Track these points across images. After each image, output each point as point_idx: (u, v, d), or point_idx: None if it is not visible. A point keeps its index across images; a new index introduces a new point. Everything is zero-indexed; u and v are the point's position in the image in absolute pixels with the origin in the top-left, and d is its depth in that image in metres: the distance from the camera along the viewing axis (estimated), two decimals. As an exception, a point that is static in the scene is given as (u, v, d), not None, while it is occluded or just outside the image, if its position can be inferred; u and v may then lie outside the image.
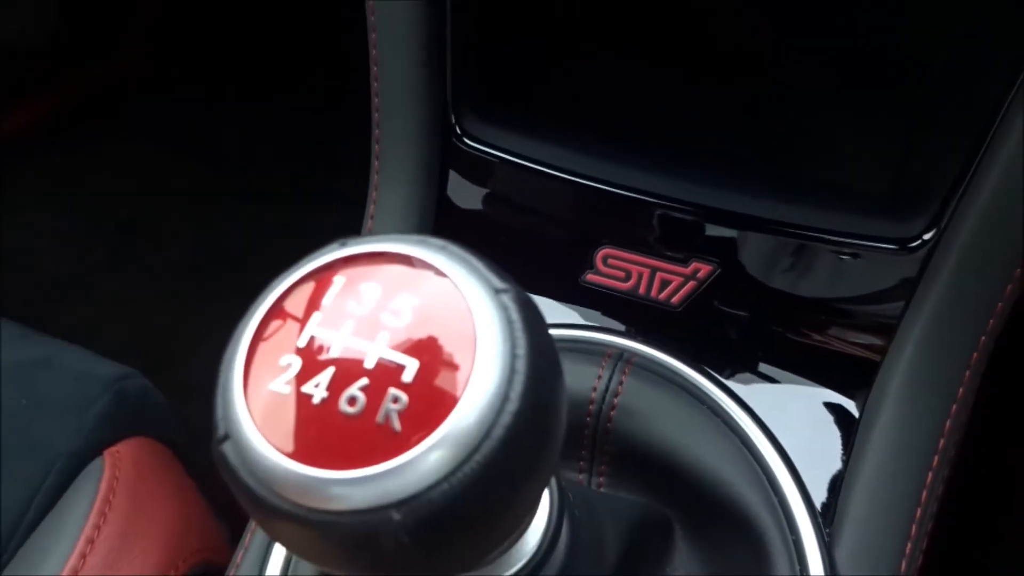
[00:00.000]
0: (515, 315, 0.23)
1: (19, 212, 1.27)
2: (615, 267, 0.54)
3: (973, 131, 0.48)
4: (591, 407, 0.50)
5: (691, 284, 0.53)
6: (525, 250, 0.57)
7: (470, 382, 0.22)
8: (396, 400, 0.21)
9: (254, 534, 0.50)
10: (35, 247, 1.25)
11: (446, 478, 0.21)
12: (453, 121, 0.56)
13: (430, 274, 0.23)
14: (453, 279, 0.23)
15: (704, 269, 0.53)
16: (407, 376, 0.22)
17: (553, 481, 0.33)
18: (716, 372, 0.52)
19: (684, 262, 0.53)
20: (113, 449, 0.61)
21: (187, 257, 1.24)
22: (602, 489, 0.51)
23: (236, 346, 0.23)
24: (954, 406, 0.49)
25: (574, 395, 0.50)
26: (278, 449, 0.22)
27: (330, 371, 0.22)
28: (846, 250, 0.50)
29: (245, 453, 0.22)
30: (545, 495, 0.33)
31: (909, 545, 0.47)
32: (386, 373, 0.22)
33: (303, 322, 0.23)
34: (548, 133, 0.56)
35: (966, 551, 0.74)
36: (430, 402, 0.21)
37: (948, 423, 0.49)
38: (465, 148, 0.56)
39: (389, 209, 0.57)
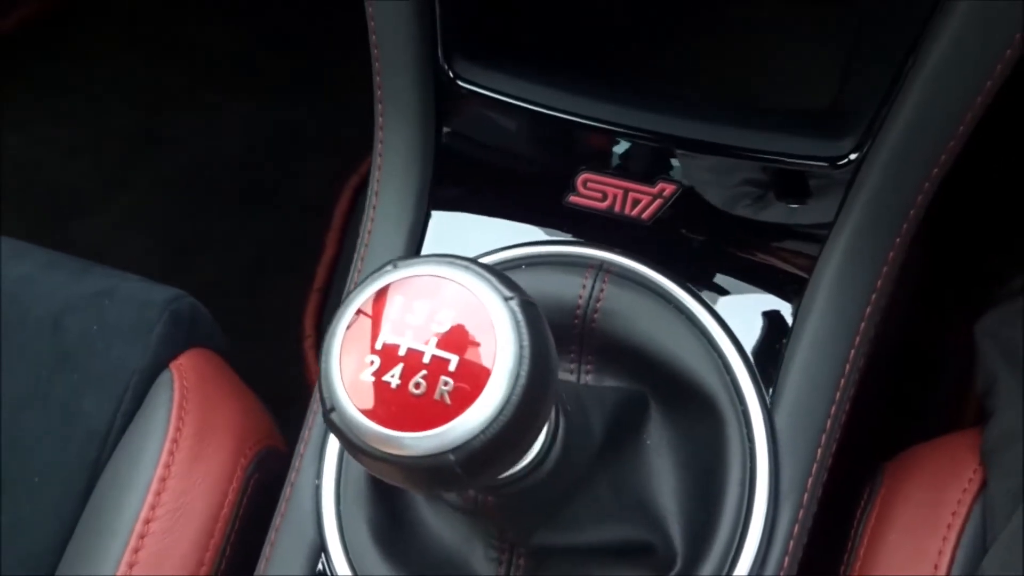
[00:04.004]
0: (520, 316, 0.33)
1: (25, 125, 1.30)
2: (593, 189, 0.63)
3: (897, 54, 0.56)
4: (578, 311, 0.61)
5: (658, 202, 0.62)
6: (514, 179, 0.66)
7: (493, 368, 0.33)
8: (446, 384, 0.33)
9: (312, 430, 0.62)
10: (45, 160, 1.29)
11: (483, 431, 0.33)
12: (445, 65, 0.64)
13: (460, 289, 0.34)
14: (475, 292, 0.33)
15: (669, 188, 0.62)
16: (451, 367, 0.33)
17: None
18: (682, 277, 0.62)
19: (652, 183, 0.62)
20: (176, 362, 0.72)
21: (192, 163, 1.28)
22: (590, 377, 0.62)
23: (331, 345, 0.34)
24: (873, 295, 0.60)
25: (564, 301, 0.61)
26: (371, 418, 0.33)
27: (400, 366, 0.33)
28: (785, 169, 0.60)
29: (349, 421, 0.33)
30: None
31: (833, 407, 0.59)
32: (438, 365, 0.33)
33: (377, 331, 0.33)
34: (531, 73, 0.64)
35: (885, 410, 0.88)
36: (468, 383, 0.33)
37: (868, 309, 0.60)
38: (457, 89, 0.64)
39: (395, 149, 0.66)
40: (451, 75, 0.64)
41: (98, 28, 1.33)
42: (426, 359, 0.33)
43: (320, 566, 0.59)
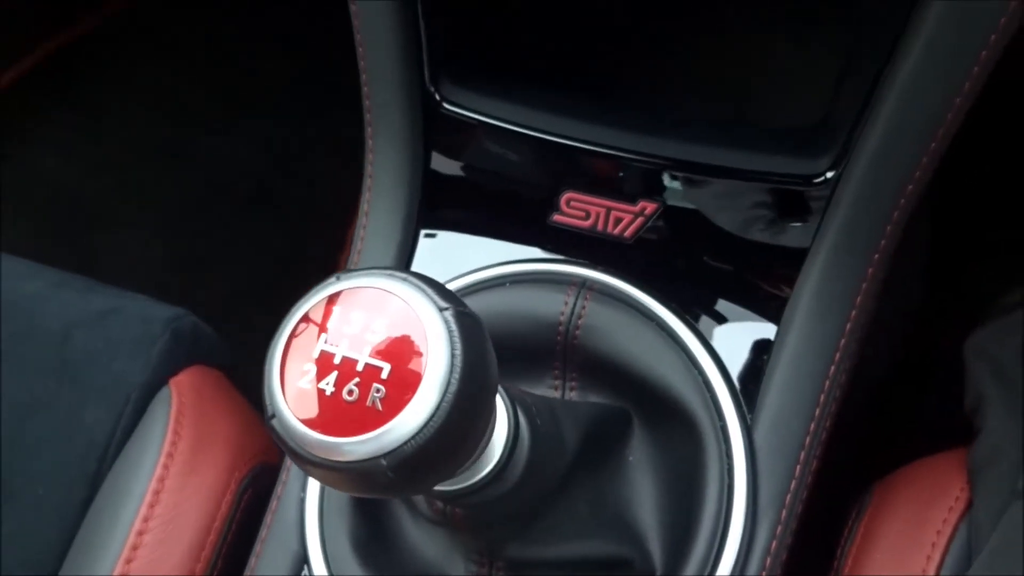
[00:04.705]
0: (453, 326, 0.34)
1: (54, 143, 1.33)
2: (577, 208, 0.64)
3: (876, 62, 0.57)
4: (560, 327, 0.62)
5: (640, 220, 0.63)
6: (500, 198, 0.67)
7: (424, 376, 0.34)
8: (378, 391, 0.34)
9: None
10: (71, 176, 1.32)
11: (413, 437, 0.34)
12: (432, 88, 0.66)
13: (396, 300, 0.35)
14: (410, 304, 0.35)
15: (650, 207, 0.63)
16: (384, 375, 0.34)
17: (507, 405, 0.45)
18: (663, 294, 0.62)
19: (633, 201, 0.63)
20: (176, 379, 0.74)
21: (206, 173, 1.30)
22: (574, 393, 0.63)
23: (274, 353, 0.35)
24: (853, 312, 0.60)
25: (547, 317, 0.62)
26: (307, 425, 0.34)
27: (335, 374, 0.34)
28: (763, 188, 0.60)
29: (287, 427, 0.35)
30: (504, 419, 0.45)
31: (813, 424, 0.59)
32: (370, 373, 0.34)
33: (316, 340, 0.35)
34: (516, 96, 0.65)
35: (868, 428, 0.87)
36: (400, 390, 0.34)
37: (848, 326, 0.60)
38: (444, 112, 0.66)
39: (384, 169, 0.68)
40: (437, 98, 0.65)
41: (116, 42, 1.36)
42: (360, 367, 0.34)
43: (303, 577, 0.60)
